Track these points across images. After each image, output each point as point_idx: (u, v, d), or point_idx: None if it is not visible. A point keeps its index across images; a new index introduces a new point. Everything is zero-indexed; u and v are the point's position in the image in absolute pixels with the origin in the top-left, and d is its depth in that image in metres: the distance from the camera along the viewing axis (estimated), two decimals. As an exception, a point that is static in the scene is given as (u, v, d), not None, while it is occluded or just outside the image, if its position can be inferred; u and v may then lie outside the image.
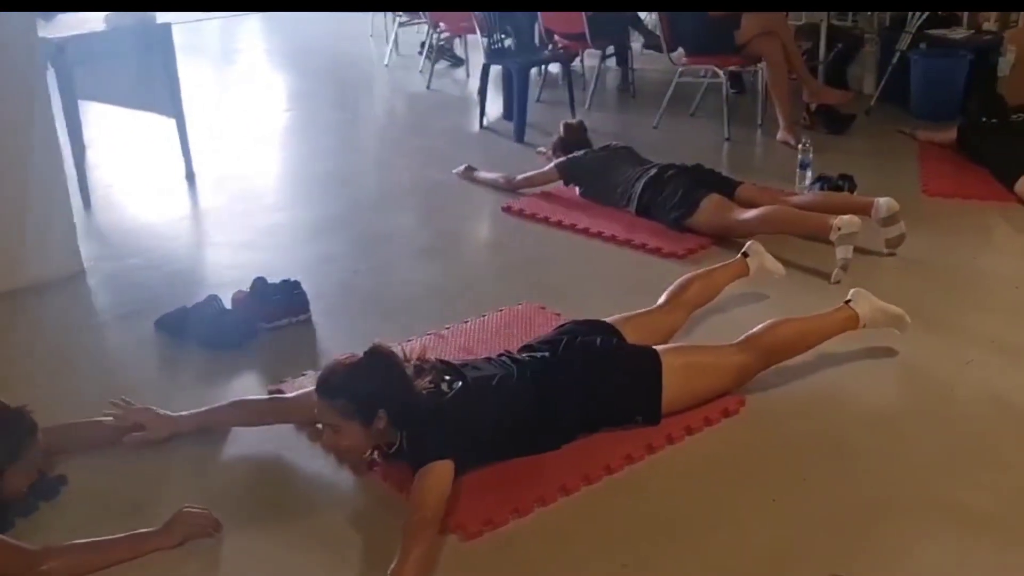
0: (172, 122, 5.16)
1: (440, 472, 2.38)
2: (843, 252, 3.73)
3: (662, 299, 3.24)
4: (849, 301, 3.18)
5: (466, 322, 3.50)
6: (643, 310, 3.16)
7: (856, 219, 3.76)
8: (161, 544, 2.34)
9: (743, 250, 3.56)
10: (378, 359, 2.50)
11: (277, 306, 3.52)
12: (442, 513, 2.35)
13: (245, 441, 2.83)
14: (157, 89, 5.06)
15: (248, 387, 3.13)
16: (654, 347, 2.84)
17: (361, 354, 2.52)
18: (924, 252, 4.01)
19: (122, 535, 2.34)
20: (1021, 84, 5.50)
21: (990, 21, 6.25)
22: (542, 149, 5.25)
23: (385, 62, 8.05)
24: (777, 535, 2.42)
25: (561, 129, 4.94)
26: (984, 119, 5.02)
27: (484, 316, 3.54)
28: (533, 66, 6.42)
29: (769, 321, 3.05)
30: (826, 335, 3.12)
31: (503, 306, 3.60)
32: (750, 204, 4.14)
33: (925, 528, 2.43)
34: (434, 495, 2.34)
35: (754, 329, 3.01)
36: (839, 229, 3.71)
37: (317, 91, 7.55)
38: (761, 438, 2.82)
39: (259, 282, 3.57)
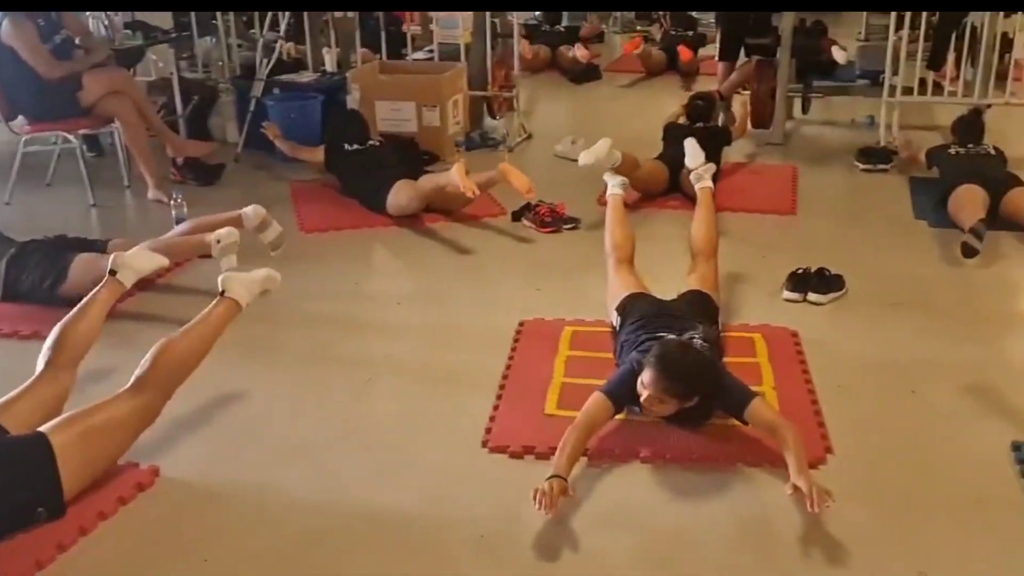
0: None
1: None
2: (227, 263, 3.92)
3: (40, 365, 3.01)
4: (224, 292, 3.23)
5: None
6: (15, 392, 2.91)
7: (233, 229, 3.99)
8: None
9: (109, 267, 3.46)
10: None
11: None
12: None
13: None
14: None
15: None
16: (39, 430, 2.67)
17: None
18: (310, 287, 4.28)
19: None
20: (369, 119, 6.11)
21: (329, 62, 6.86)
22: None
23: None
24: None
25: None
26: (347, 146, 5.49)
27: None
28: None
29: (153, 350, 2.96)
30: (217, 334, 3.14)
31: None
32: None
33: (362, 541, 2.65)
34: None
35: (142, 364, 2.92)
36: (218, 242, 3.92)
37: None
38: (178, 505, 2.82)
39: None
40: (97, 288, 3.35)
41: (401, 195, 5.00)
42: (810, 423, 3.13)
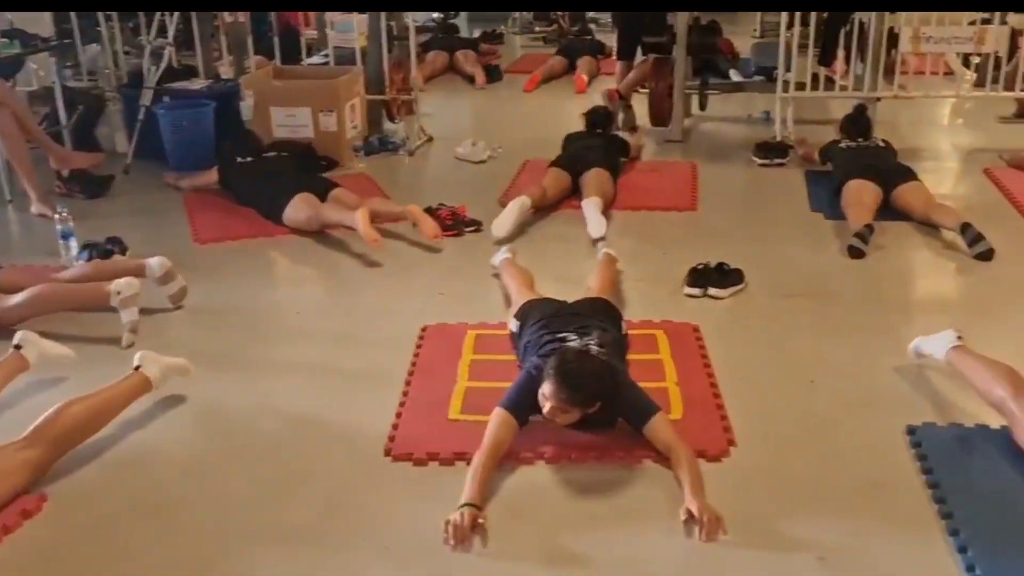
0: None
1: None
2: (128, 315, 3.79)
3: None
4: (139, 367, 3.27)
5: None
6: None
7: (134, 280, 3.86)
8: None
9: (15, 342, 3.41)
10: None
11: None
12: None
13: None
14: None
15: None
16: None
17: None
18: (209, 299, 4.20)
19: None
20: (265, 125, 6.03)
21: (226, 68, 6.75)
22: None
23: None
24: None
25: None
26: (240, 159, 5.41)
27: None
28: None
29: (56, 406, 2.97)
30: (122, 405, 3.17)
31: None
32: (14, 288, 3.95)
33: (263, 558, 2.58)
34: None
35: (40, 419, 2.91)
36: (119, 294, 3.78)
37: None
38: (66, 531, 2.72)
39: None
40: (4, 358, 3.35)
41: (300, 212, 4.91)
42: (713, 416, 3.17)
